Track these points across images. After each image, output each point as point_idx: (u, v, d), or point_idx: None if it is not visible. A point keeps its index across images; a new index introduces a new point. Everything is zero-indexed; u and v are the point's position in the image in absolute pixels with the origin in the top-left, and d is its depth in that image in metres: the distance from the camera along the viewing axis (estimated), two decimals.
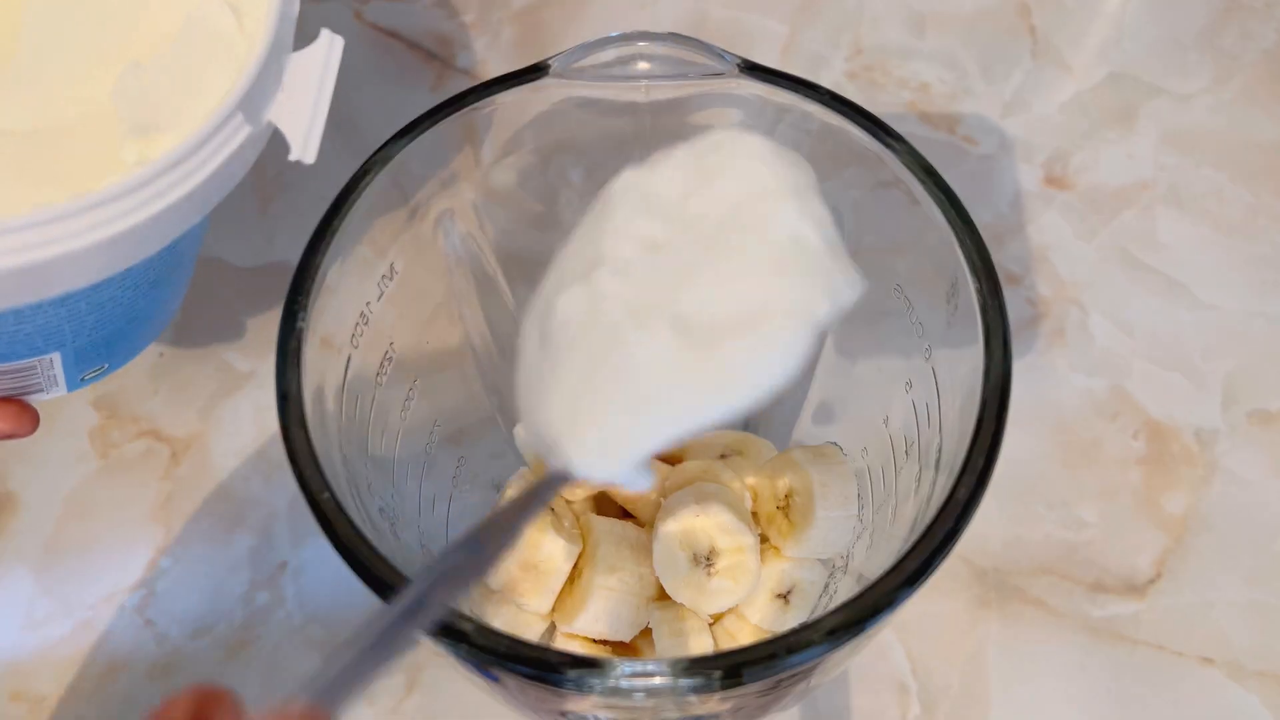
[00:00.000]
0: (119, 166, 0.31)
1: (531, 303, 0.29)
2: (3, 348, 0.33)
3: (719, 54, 0.34)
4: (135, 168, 0.30)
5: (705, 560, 0.36)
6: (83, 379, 0.37)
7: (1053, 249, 0.51)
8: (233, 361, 0.48)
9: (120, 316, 0.35)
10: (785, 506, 0.38)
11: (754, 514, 0.39)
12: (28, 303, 0.30)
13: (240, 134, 0.31)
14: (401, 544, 0.33)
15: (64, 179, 0.31)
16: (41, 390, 0.37)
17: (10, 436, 0.37)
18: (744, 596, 0.37)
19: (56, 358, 0.35)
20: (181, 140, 0.30)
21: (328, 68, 0.32)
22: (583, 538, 0.38)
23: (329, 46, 0.32)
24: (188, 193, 0.30)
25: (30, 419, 0.37)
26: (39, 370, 0.35)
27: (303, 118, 0.32)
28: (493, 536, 0.26)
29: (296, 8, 0.33)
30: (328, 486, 0.28)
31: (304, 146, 0.32)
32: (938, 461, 0.32)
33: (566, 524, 0.38)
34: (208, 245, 0.49)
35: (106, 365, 0.37)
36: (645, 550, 0.38)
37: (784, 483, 0.38)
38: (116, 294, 0.33)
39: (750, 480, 0.39)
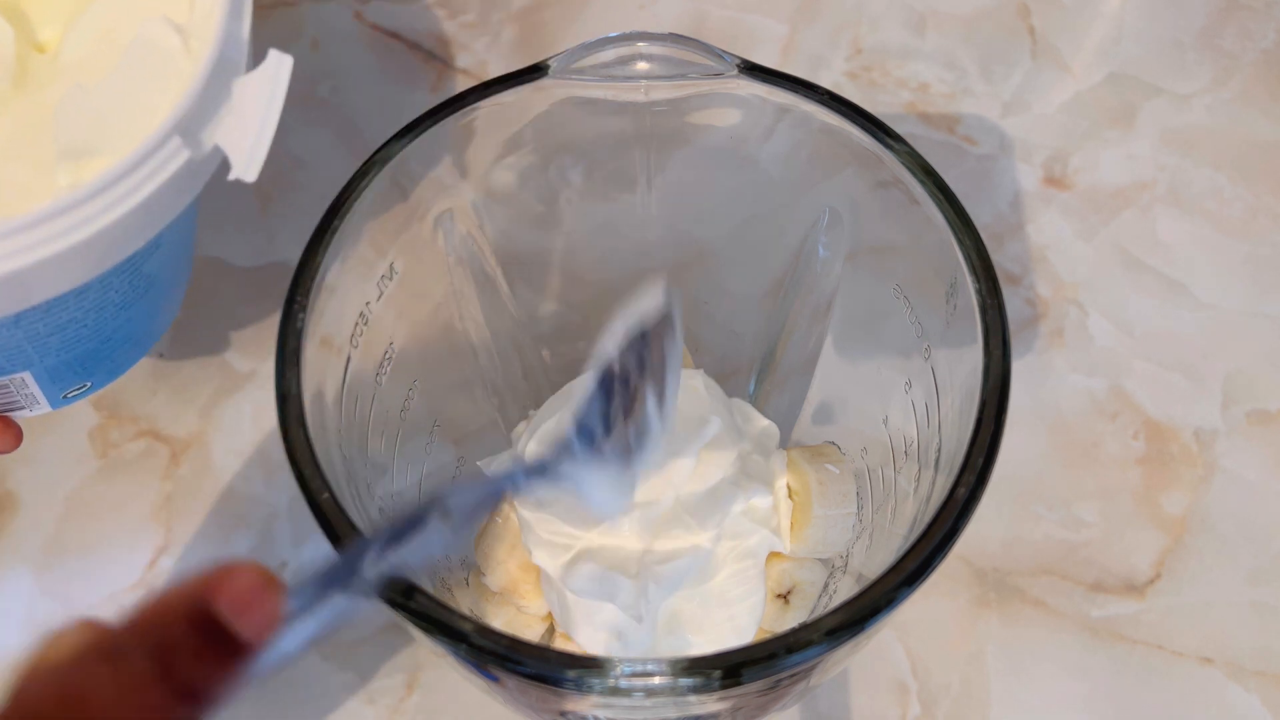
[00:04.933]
0: (51, 191, 0.30)
1: None
2: None
3: (719, 54, 0.34)
4: (66, 192, 0.29)
5: None
6: (65, 396, 0.37)
7: (1052, 249, 0.51)
8: (233, 361, 0.48)
9: (89, 338, 0.34)
10: None
11: None
12: None
13: (179, 157, 0.30)
14: None
15: None
16: (24, 408, 0.37)
17: None
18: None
19: (28, 376, 0.35)
20: (115, 164, 0.29)
21: (275, 88, 0.31)
22: None
23: (277, 66, 0.31)
24: (121, 216, 0.29)
25: (12, 436, 0.37)
26: (13, 389, 0.35)
27: (247, 138, 0.31)
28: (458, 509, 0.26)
29: (246, 28, 0.32)
30: (328, 486, 0.28)
31: (246, 166, 0.31)
32: (937, 461, 0.32)
33: None
34: (208, 245, 0.49)
35: (89, 383, 0.37)
36: None
37: (782, 482, 0.38)
38: (76, 315, 0.33)
39: None
